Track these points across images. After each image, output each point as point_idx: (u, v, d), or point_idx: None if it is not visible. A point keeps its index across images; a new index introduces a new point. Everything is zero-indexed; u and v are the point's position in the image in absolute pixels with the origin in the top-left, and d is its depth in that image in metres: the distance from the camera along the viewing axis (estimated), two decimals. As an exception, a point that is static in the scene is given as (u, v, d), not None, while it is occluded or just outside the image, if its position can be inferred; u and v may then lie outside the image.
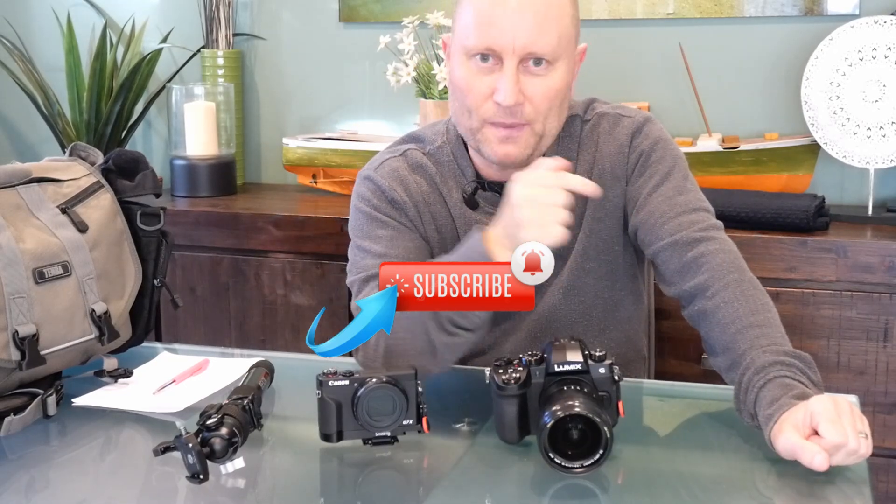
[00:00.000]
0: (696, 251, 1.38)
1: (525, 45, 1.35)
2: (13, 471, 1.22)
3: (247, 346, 2.39)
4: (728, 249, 1.39)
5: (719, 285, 1.33)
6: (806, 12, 2.40)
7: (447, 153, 1.52)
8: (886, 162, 2.22)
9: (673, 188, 1.45)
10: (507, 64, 1.36)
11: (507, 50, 1.36)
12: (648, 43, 2.52)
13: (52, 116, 2.78)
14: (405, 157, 1.53)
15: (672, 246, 1.40)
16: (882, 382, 2.04)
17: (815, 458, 1.08)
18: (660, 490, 1.14)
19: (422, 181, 1.51)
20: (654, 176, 1.47)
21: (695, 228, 1.40)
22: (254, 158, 2.90)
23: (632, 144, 1.49)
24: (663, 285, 1.44)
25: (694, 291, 1.36)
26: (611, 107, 1.54)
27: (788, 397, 1.15)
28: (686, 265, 1.38)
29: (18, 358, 1.31)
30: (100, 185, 1.48)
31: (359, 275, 1.46)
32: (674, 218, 1.42)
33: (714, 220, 1.44)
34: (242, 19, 2.85)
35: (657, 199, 1.45)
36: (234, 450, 1.13)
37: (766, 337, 1.26)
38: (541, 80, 1.38)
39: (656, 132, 1.50)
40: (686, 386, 1.53)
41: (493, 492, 1.15)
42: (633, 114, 1.52)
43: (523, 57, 1.36)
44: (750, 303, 1.31)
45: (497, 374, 1.19)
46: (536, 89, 1.38)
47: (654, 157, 1.48)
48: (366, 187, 1.52)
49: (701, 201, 1.46)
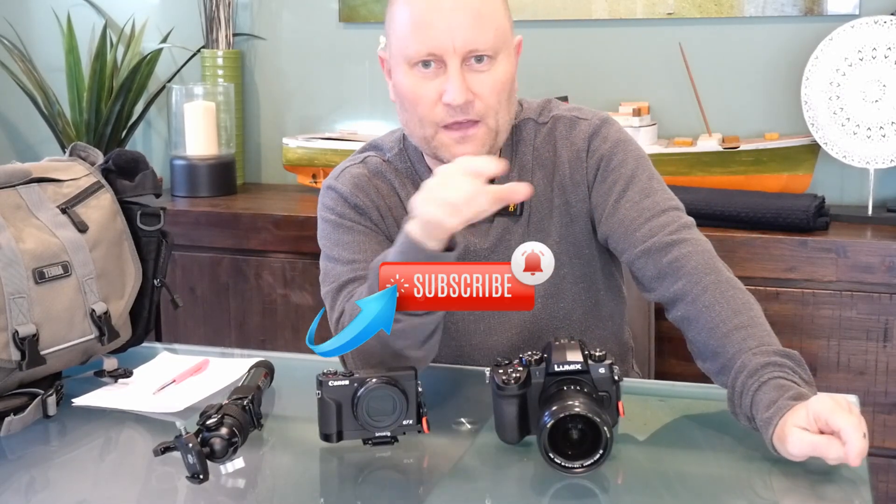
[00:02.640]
0: (671, 256, 1.37)
1: (465, 43, 1.36)
2: (13, 471, 1.22)
3: (247, 346, 2.39)
4: (702, 250, 1.38)
5: (698, 290, 1.33)
6: (806, 12, 2.40)
7: (405, 159, 1.53)
8: (886, 162, 2.22)
9: (639, 192, 1.44)
10: (450, 64, 1.37)
11: (448, 51, 1.36)
12: (648, 43, 2.52)
13: (52, 116, 2.78)
14: (365, 163, 1.54)
15: (646, 253, 1.40)
16: (882, 382, 2.04)
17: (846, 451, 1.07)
18: (660, 490, 1.14)
19: (382, 186, 1.52)
20: (619, 182, 1.45)
21: (666, 232, 1.40)
22: (254, 158, 2.90)
23: (590, 148, 1.48)
24: (643, 292, 1.44)
25: (674, 297, 1.36)
26: (566, 108, 1.52)
27: (785, 399, 1.15)
28: (662, 271, 1.38)
29: (18, 358, 1.31)
30: (100, 185, 1.48)
31: (332, 285, 1.45)
32: (644, 223, 1.41)
33: (685, 219, 1.43)
34: (242, 19, 2.85)
35: (625, 205, 1.44)
36: (234, 450, 1.13)
37: (754, 338, 1.25)
38: (485, 75, 1.38)
39: (614, 134, 1.49)
40: (686, 386, 1.53)
41: (493, 492, 1.15)
42: (589, 116, 1.51)
43: (465, 56, 1.37)
44: (731, 304, 1.30)
45: (497, 374, 1.19)
46: (483, 85, 1.38)
47: (616, 161, 1.46)
48: (329, 197, 1.52)
49: (669, 200, 1.45)
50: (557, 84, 2.51)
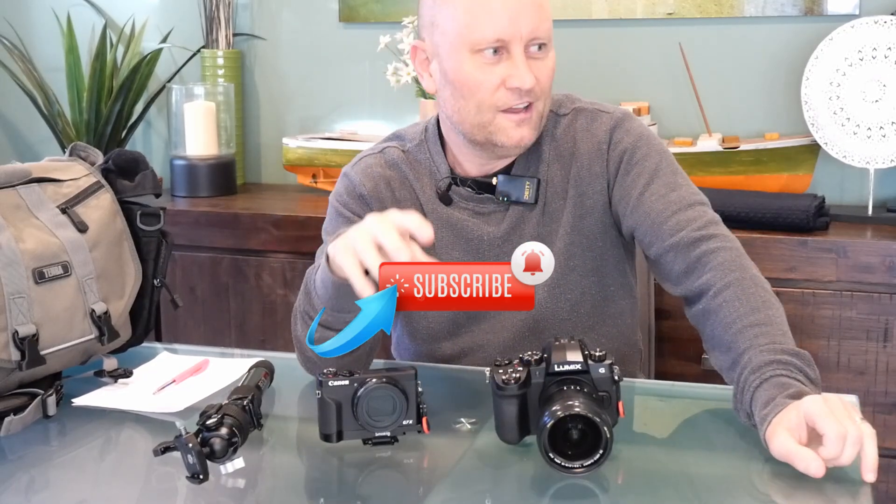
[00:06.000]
0: (700, 250, 1.38)
1: (531, 30, 1.40)
2: (13, 471, 1.22)
3: (247, 346, 2.39)
4: (730, 247, 1.38)
5: (721, 284, 1.33)
6: (806, 12, 2.40)
7: (424, 150, 1.55)
8: (886, 162, 2.22)
9: (664, 185, 1.45)
10: (515, 51, 1.40)
11: (515, 38, 1.39)
12: (648, 43, 2.52)
13: (52, 116, 2.78)
14: (383, 154, 1.57)
15: (675, 247, 1.40)
16: (882, 382, 2.04)
17: (810, 465, 1.08)
18: (660, 490, 1.14)
19: (395, 178, 1.54)
20: (643, 175, 1.46)
21: (694, 226, 1.40)
22: (254, 158, 2.90)
23: (611, 141, 1.49)
24: (668, 285, 1.44)
25: (698, 291, 1.36)
26: (588, 102, 1.54)
27: (783, 397, 1.15)
28: (690, 266, 1.38)
29: (18, 358, 1.31)
30: (100, 185, 1.48)
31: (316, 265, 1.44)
32: (672, 216, 1.42)
33: (711, 214, 1.44)
34: (242, 19, 2.85)
35: (650, 198, 1.44)
36: (234, 450, 1.13)
37: (766, 336, 1.25)
38: (542, 62, 1.43)
39: (637, 128, 1.50)
40: (686, 386, 1.53)
41: (493, 492, 1.15)
42: (611, 109, 1.52)
43: (528, 43, 1.41)
44: (751, 301, 1.30)
45: (497, 374, 1.19)
46: (541, 71, 1.43)
47: (639, 154, 1.47)
48: (342, 183, 1.56)
49: (695, 195, 1.46)
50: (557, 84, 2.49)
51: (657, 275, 1.47)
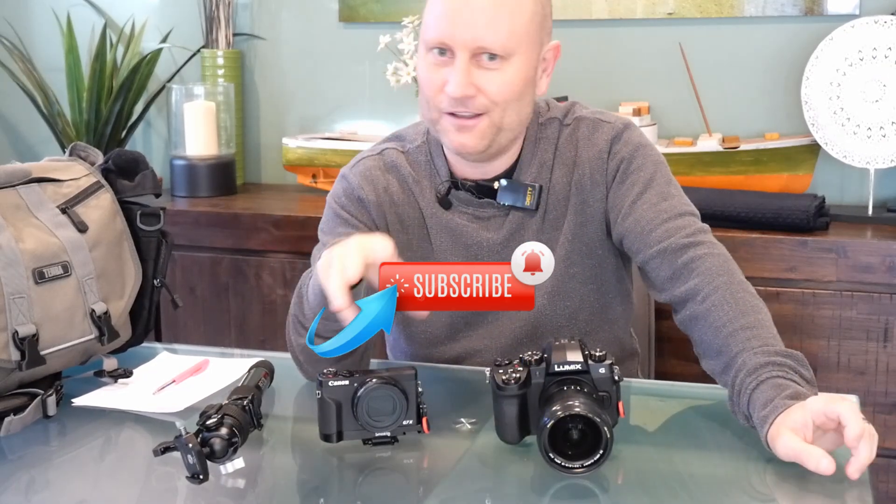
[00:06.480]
0: (686, 256, 1.38)
1: (474, 39, 1.38)
2: (13, 471, 1.22)
3: (247, 346, 2.39)
4: (717, 253, 1.39)
5: (709, 289, 1.33)
6: (806, 12, 2.40)
7: (425, 152, 1.54)
8: (886, 162, 2.22)
9: (657, 194, 1.45)
10: (458, 57, 1.39)
11: (457, 44, 1.39)
12: (648, 43, 2.52)
13: (52, 116, 2.78)
14: (382, 156, 1.56)
15: (661, 253, 1.40)
16: (882, 382, 2.04)
17: (821, 463, 1.08)
18: (659, 490, 1.14)
19: (393, 181, 1.53)
20: (637, 184, 1.46)
21: (683, 234, 1.41)
22: (254, 158, 2.90)
23: (611, 150, 1.49)
24: (654, 292, 1.44)
25: (685, 296, 1.36)
26: (591, 112, 1.54)
27: (782, 398, 1.15)
28: (677, 271, 1.38)
29: (18, 358, 1.31)
30: (100, 185, 1.48)
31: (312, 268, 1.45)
32: (661, 224, 1.42)
33: (701, 224, 1.44)
34: (242, 19, 2.85)
35: (642, 206, 1.45)
36: (234, 450, 1.13)
37: (758, 338, 1.26)
38: (494, 73, 1.40)
39: (636, 138, 1.50)
40: (686, 386, 1.53)
41: (493, 492, 1.15)
42: (612, 119, 1.52)
43: (474, 51, 1.39)
44: (740, 305, 1.30)
45: (497, 374, 1.19)
46: (490, 83, 1.40)
47: (635, 164, 1.48)
48: (340, 185, 1.56)
49: (686, 206, 1.46)
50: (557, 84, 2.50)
51: (644, 281, 1.47)
